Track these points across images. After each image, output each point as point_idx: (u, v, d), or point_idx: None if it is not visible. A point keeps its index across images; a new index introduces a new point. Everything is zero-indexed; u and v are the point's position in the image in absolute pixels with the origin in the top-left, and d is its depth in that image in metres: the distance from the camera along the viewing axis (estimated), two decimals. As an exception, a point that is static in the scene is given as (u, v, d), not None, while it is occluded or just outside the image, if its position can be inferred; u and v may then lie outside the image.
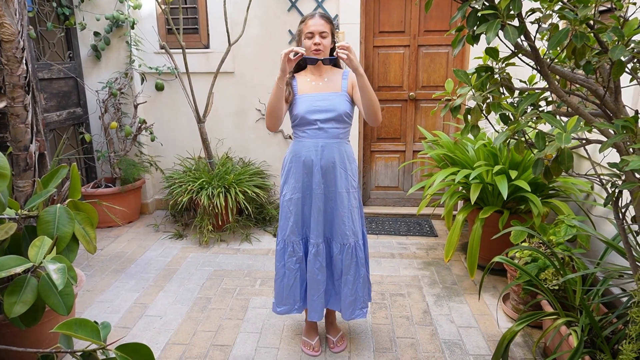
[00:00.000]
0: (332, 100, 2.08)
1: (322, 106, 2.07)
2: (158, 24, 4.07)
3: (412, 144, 4.23)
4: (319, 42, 2.01)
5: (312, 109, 2.07)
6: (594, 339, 1.90)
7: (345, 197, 2.14)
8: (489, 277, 3.03)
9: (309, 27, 2.02)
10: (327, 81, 2.13)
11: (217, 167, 3.90)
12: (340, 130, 2.12)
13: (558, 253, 2.24)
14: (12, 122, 2.14)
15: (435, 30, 3.93)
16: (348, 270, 2.16)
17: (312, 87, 2.12)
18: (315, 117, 2.07)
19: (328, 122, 2.08)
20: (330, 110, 2.07)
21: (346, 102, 2.10)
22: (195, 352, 2.32)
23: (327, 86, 2.12)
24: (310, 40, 2.02)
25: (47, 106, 3.66)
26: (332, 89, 2.12)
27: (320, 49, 2.03)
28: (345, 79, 2.14)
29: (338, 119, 2.09)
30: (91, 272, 3.18)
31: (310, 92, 2.11)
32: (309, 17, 2.05)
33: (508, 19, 1.26)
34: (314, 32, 2.01)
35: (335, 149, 2.11)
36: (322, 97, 2.09)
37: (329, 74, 2.15)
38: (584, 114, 1.39)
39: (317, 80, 2.13)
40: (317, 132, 2.09)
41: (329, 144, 2.10)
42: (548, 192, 2.95)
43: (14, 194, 2.19)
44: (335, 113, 2.08)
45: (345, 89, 2.12)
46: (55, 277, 1.41)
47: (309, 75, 2.15)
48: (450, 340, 2.39)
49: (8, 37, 2.02)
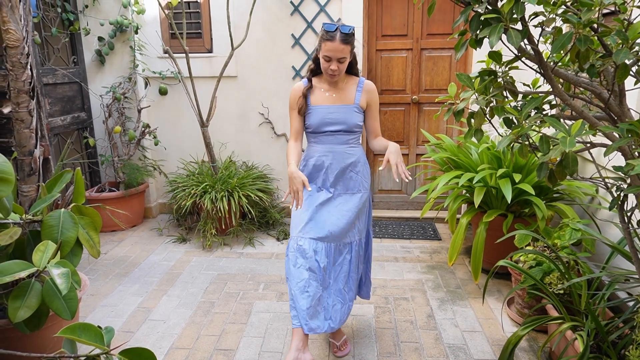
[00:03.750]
0: (344, 113, 2.12)
1: (333, 119, 2.12)
2: (162, 29, 4.09)
3: (416, 147, 4.22)
4: (335, 69, 2.00)
5: (325, 122, 2.12)
6: (600, 343, 1.89)
7: (357, 198, 2.18)
8: (493, 280, 3.02)
9: (328, 50, 1.96)
10: (340, 92, 2.14)
11: (221, 171, 3.90)
12: (350, 137, 2.17)
13: (563, 257, 2.22)
14: (17, 127, 2.15)
15: (438, 33, 3.93)
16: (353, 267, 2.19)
17: (326, 99, 2.14)
18: (326, 129, 2.13)
19: (338, 132, 2.14)
20: (341, 123, 2.12)
21: (357, 115, 2.14)
22: (199, 356, 2.31)
23: (339, 98, 2.14)
24: (327, 63, 2.01)
25: (52, 111, 3.68)
26: (345, 101, 2.14)
27: (336, 74, 2.03)
28: (360, 92, 2.15)
29: (348, 130, 2.14)
30: (95, 276, 3.18)
31: (324, 103, 2.13)
32: (328, 37, 1.94)
33: (511, 23, 1.25)
34: (332, 58, 1.98)
35: (345, 153, 2.16)
36: (334, 109, 2.12)
37: (344, 83, 2.16)
38: (588, 118, 1.38)
39: (331, 91, 2.14)
40: (328, 137, 2.15)
41: (340, 149, 2.16)
42: (552, 196, 2.94)
43: (19, 198, 2.20)
44: (346, 126, 2.13)
45: (358, 102, 2.15)
46: (59, 281, 1.42)
47: (323, 84, 2.16)
48: (454, 344, 2.38)
49: (13, 42, 2.04)
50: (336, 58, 1.98)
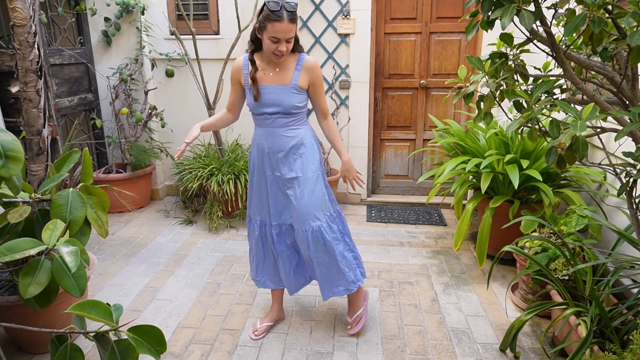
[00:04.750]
0: (279, 94, 2.02)
1: (268, 100, 2.02)
2: (168, 10, 4.06)
3: (423, 132, 4.19)
4: (283, 50, 1.91)
5: (262, 103, 2.04)
6: (604, 329, 1.90)
7: (302, 181, 2.10)
8: (497, 266, 3.03)
9: (276, 32, 1.85)
10: (278, 71, 2.03)
11: (227, 153, 3.91)
12: (288, 120, 2.07)
13: (569, 243, 2.22)
14: (25, 106, 2.16)
15: (448, 17, 3.87)
16: (317, 254, 2.16)
17: (263, 78, 2.04)
18: (262, 110, 2.05)
19: (275, 115, 2.05)
20: (275, 104, 2.03)
21: (295, 96, 2.03)
22: (205, 335, 2.35)
23: (277, 77, 2.03)
24: (274, 45, 1.89)
25: (59, 92, 3.68)
26: (281, 81, 2.02)
27: (284, 54, 1.94)
28: (298, 70, 2.03)
29: (284, 112, 2.05)
30: (103, 256, 3.22)
31: (262, 83, 2.04)
32: (276, 18, 1.84)
33: (524, 4, 1.23)
34: (280, 39, 1.88)
35: (285, 137, 2.08)
36: (270, 90, 2.02)
37: (284, 62, 2.03)
38: (599, 102, 1.37)
39: (269, 69, 2.03)
40: (265, 121, 2.09)
41: (278, 132, 2.08)
42: (559, 182, 2.92)
43: (27, 177, 2.22)
44: (282, 108, 2.03)
45: (295, 82, 2.03)
46: (68, 259, 1.44)
47: (262, 63, 2.05)
48: (458, 328, 2.40)
49: (20, 21, 2.03)
50: (285, 39, 1.88)
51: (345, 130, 4.06)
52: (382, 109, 4.18)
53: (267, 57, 2.02)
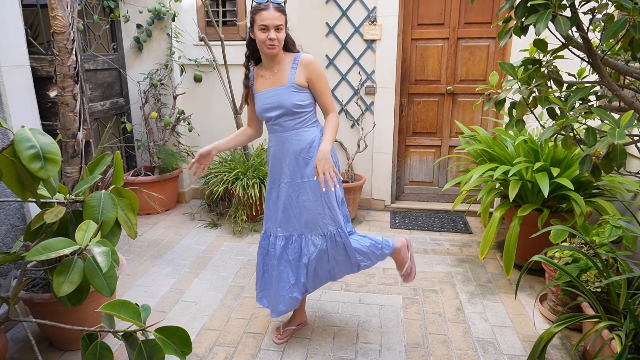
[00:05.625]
0: (278, 95, 2.02)
1: (270, 103, 2.04)
2: (198, 17, 4.14)
3: (449, 138, 4.14)
4: (273, 38, 1.92)
5: (264, 108, 2.06)
6: (639, 344, 1.82)
7: (314, 185, 2.07)
8: (525, 276, 2.95)
9: (264, 19, 1.89)
10: (276, 73, 2.05)
11: (252, 158, 3.95)
12: (295, 121, 2.06)
13: (601, 254, 2.15)
14: (62, 110, 2.23)
15: (476, 22, 3.82)
16: (338, 255, 2.14)
17: (264, 83, 2.07)
18: (268, 115, 2.07)
19: (280, 118, 2.05)
20: (277, 106, 2.03)
21: (293, 94, 2.02)
22: (229, 338, 2.37)
23: (275, 79, 2.05)
24: (264, 34, 1.92)
25: (92, 96, 3.79)
26: (279, 82, 2.04)
27: (275, 44, 1.94)
28: (294, 68, 2.03)
29: (288, 113, 2.03)
30: (130, 257, 3.29)
31: (263, 88, 2.07)
32: (262, 7, 1.90)
33: (560, 9, 1.21)
34: (268, 26, 1.90)
35: (294, 140, 2.07)
36: (270, 93, 2.05)
37: (280, 63, 2.05)
38: (638, 109, 1.32)
39: (269, 73, 2.06)
40: (274, 127, 2.10)
41: (287, 136, 2.08)
42: (591, 191, 2.83)
43: (62, 179, 2.29)
44: (284, 109, 2.02)
45: (292, 80, 2.02)
46: (100, 259, 1.47)
47: (263, 69, 2.09)
48: (484, 338, 2.35)
49: (60, 29, 2.11)
50: (273, 26, 1.90)
51: (370, 136, 4.04)
52: (408, 115, 4.15)
53: (265, 62, 2.06)
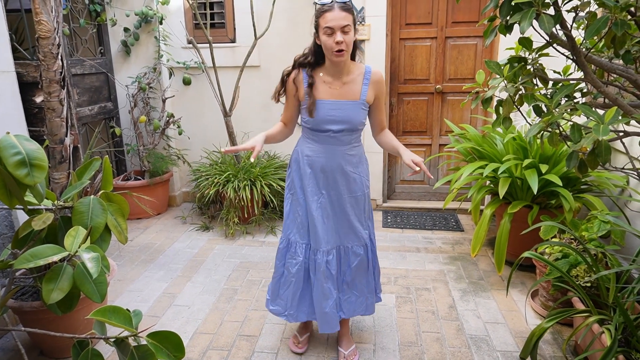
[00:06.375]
0: (348, 110, 1.92)
1: (337, 116, 1.91)
2: (185, 19, 4.12)
3: (439, 137, 4.17)
4: (341, 41, 1.75)
5: (326, 119, 1.92)
6: (629, 338, 1.85)
7: (359, 200, 2.06)
8: (516, 273, 2.98)
9: (328, 21, 1.74)
10: (345, 85, 1.92)
11: (243, 160, 3.94)
12: (352, 137, 2.00)
13: (590, 249, 2.17)
14: (49, 116, 2.21)
15: (463, 21, 3.85)
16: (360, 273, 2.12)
17: (330, 93, 1.92)
18: (328, 127, 1.94)
19: (341, 132, 1.95)
20: (345, 121, 1.92)
21: (362, 112, 1.95)
22: (222, 341, 2.36)
23: (344, 91, 1.92)
24: (330, 38, 1.77)
25: (80, 101, 3.76)
26: (350, 97, 1.92)
27: (343, 48, 1.78)
28: (367, 85, 1.93)
29: (352, 129, 1.96)
30: (121, 262, 3.27)
31: (327, 98, 1.92)
32: (326, 9, 1.76)
33: (543, 8, 1.22)
34: (334, 28, 1.74)
35: (347, 155, 2.01)
36: (338, 105, 1.91)
37: (350, 74, 1.92)
38: (622, 105, 1.34)
39: (335, 83, 1.92)
40: (328, 139, 1.97)
41: (341, 151, 1.99)
42: (580, 187, 2.87)
43: (50, 185, 2.27)
44: (350, 125, 1.94)
45: (364, 97, 1.93)
46: (89, 265, 1.46)
47: (327, 75, 1.93)
48: (476, 335, 2.36)
49: (45, 33, 2.09)
50: (339, 27, 1.73)
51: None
52: (398, 114, 4.17)
53: (332, 69, 1.90)
